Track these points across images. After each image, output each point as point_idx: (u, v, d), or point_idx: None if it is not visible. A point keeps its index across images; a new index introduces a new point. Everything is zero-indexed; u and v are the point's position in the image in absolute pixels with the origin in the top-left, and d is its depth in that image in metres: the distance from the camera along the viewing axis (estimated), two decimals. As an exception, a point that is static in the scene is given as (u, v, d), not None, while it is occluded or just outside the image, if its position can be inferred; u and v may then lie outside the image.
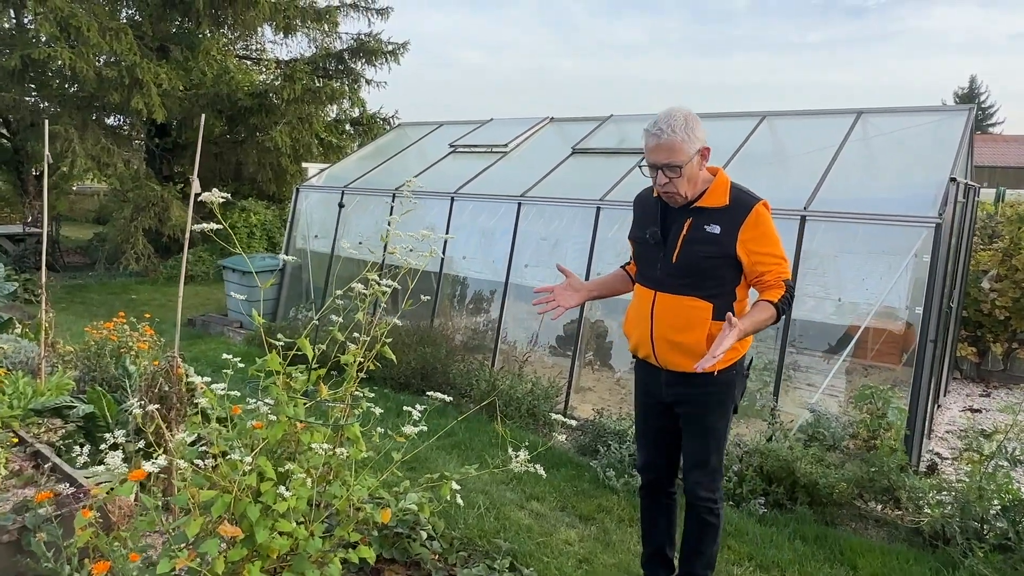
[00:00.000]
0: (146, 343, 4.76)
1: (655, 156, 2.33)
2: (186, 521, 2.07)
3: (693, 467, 2.50)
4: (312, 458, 2.40)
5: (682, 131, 2.25)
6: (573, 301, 2.58)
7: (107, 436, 2.32)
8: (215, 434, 2.37)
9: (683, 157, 2.28)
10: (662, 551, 2.71)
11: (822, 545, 3.29)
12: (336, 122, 13.93)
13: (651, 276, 2.44)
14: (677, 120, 2.26)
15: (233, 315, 8.12)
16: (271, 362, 2.32)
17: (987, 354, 7.24)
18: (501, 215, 6.36)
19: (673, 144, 2.27)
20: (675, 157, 2.28)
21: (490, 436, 4.61)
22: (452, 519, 3.28)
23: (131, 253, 11.13)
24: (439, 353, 5.74)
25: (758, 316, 2.22)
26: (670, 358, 2.40)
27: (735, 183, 2.39)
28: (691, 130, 2.26)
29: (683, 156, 2.28)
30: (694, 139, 2.29)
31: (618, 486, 3.84)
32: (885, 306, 4.49)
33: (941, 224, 4.26)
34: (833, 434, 4.06)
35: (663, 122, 2.28)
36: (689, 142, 2.28)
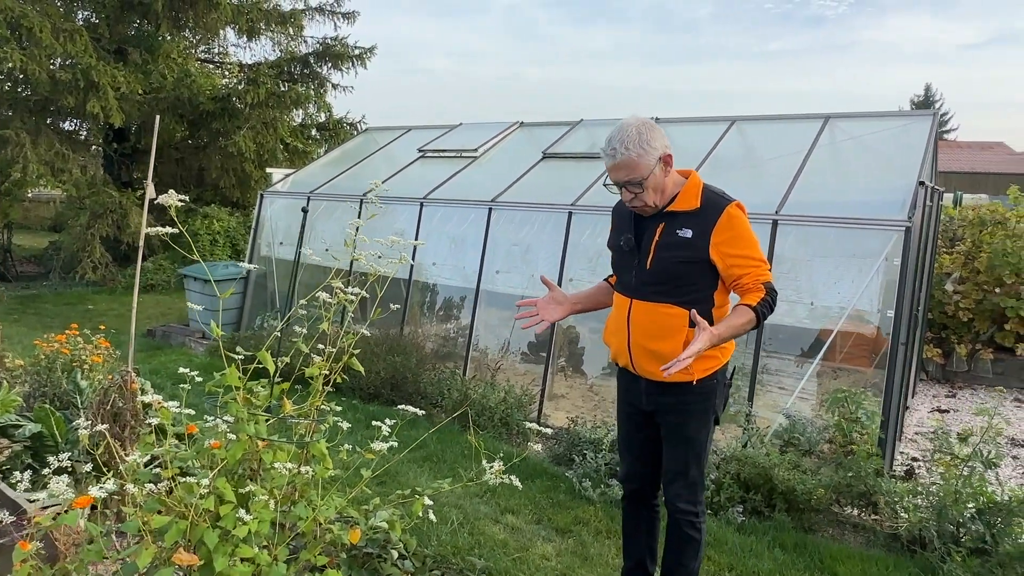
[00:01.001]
0: (100, 356, 4.54)
1: (616, 175, 2.28)
2: (137, 550, 1.92)
3: (673, 479, 2.42)
4: (275, 478, 2.26)
5: (636, 146, 2.19)
6: (557, 315, 2.50)
7: (53, 459, 2.15)
8: (169, 455, 2.22)
9: (643, 171, 2.22)
10: (643, 565, 2.63)
11: (802, 553, 3.24)
12: (302, 127, 13.68)
13: (627, 284, 2.37)
14: (630, 136, 2.20)
15: (195, 325, 7.87)
16: (229, 377, 2.19)
17: (952, 355, 7.35)
18: (471, 221, 6.26)
19: (629, 162, 2.22)
20: (635, 173, 2.23)
21: (463, 447, 4.49)
22: (424, 536, 3.16)
23: (88, 262, 10.75)
24: (409, 362, 5.61)
25: (735, 320, 2.15)
26: (647, 367, 2.32)
27: (708, 185, 2.33)
28: (646, 143, 2.20)
29: (642, 170, 2.22)
30: (651, 150, 2.22)
31: (594, 496, 3.76)
32: (856, 309, 4.50)
33: (911, 227, 4.28)
34: (809, 439, 4.03)
35: (616, 140, 2.22)
36: (646, 155, 2.22)
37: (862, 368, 5.39)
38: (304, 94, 11.98)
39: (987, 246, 7.26)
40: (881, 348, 5.10)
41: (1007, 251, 6.97)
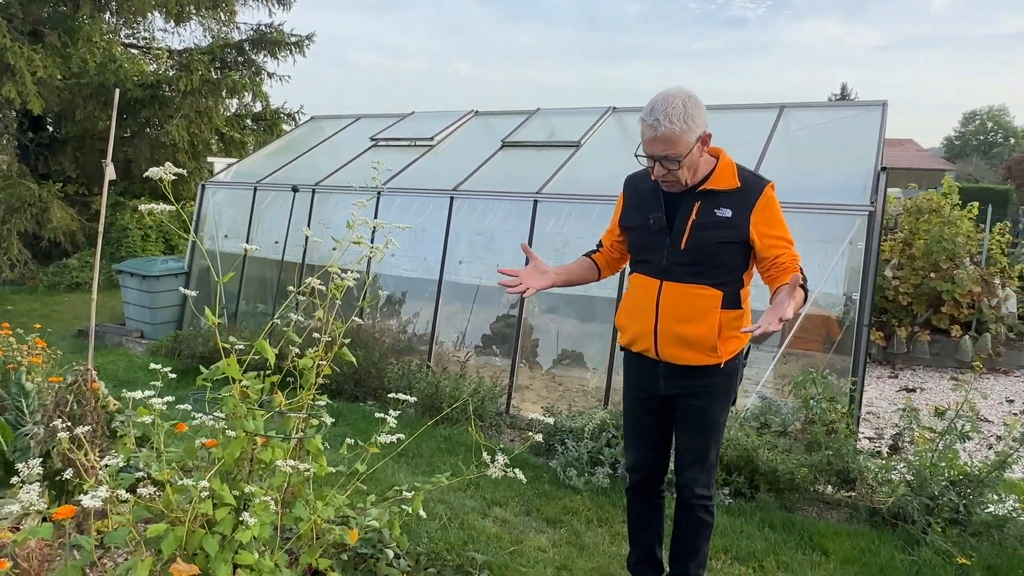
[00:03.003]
0: (39, 357, 4.18)
1: (652, 148, 2.17)
2: (133, 563, 1.73)
3: (691, 464, 2.37)
4: (276, 477, 2.09)
5: (680, 121, 2.10)
6: (542, 282, 2.39)
7: (22, 466, 1.91)
8: (153, 458, 2.02)
9: (682, 148, 2.14)
10: (652, 553, 2.58)
11: (791, 532, 3.28)
12: (237, 117, 13.11)
13: (655, 264, 2.29)
14: (675, 109, 2.11)
15: (132, 324, 7.39)
16: (229, 368, 2.00)
17: (893, 338, 7.68)
18: (431, 211, 6.10)
19: (671, 136, 2.12)
20: (674, 149, 2.14)
21: (438, 441, 4.36)
22: (414, 533, 3.03)
23: (4, 259, 9.98)
24: (372, 356, 5.41)
25: (798, 301, 2.10)
26: (674, 351, 2.26)
27: (740, 165, 2.29)
28: (690, 118, 2.12)
29: (682, 147, 2.14)
30: (694, 127, 2.14)
31: (580, 485, 3.70)
32: (822, 293, 4.61)
33: (874, 212, 4.40)
34: (784, 420, 4.09)
35: (660, 111, 2.11)
36: (689, 131, 2.13)
37: (814, 352, 5.54)
38: (240, 82, 11.46)
39: (923, 233, 7.61)
40: (835, 333, 5.26)
41: (943, 237, 7.33)
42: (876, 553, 3.08)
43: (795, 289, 2.03)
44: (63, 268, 10.41)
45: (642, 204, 2.36)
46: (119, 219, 10.68)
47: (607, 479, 3.74)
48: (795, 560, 3.02)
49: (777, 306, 2.00)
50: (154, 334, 7.11)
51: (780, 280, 2.19)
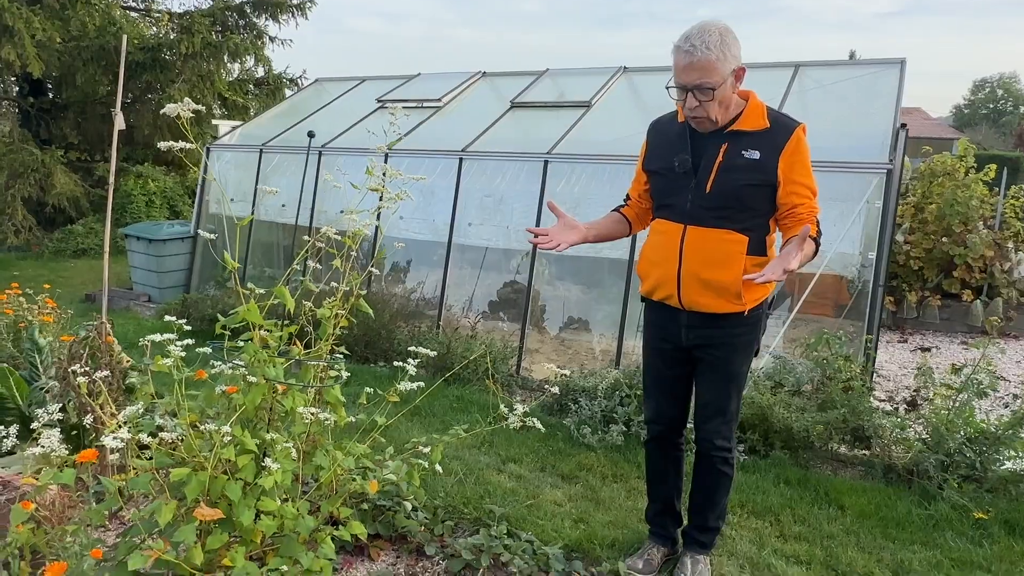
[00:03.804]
0: (50, 315, 4.16)
1: (685, 76, 2.10)
2: (157, 506, 1.72)
3: (712, 415, 2.35)
4: (297, 426, 2.08)
5: (717, 48, 2.03)
6: (573, 237, 2.32)
7: (41, 411, 1.90)
8: (174, 404, 2.00)
9: (716, 78, 2.08)
10: (671, 505, 2.58)
11: (806, 487, 3.28)
12: (239, 82, 12.92)
13: (679, 209, 2.24)
14: (712, 36, 2.04)
15: (139, 288, 7.38)
16: (249, 313, 1.97)
17: (903, 302, 7.64)
18: (440, 172, 6.02)
19: (707, 63, 2.06)
20: (708, 78, 2.07)
21: (450, 401, 4.35)
22: (431, 488, 3.02)
23: (9, 225, 9.94)
24: (382, 318, 5.39)
25: (807, 253, 2.06)
26: (697, 298, 2.22)
27: (770, 107, 2.22)
28: (726, 47, 2.05)
29: (716, 77, 2.07)
30: (729, 58, 2.08)
31: (594, 443, 3.70)
32: (838, 252, 4.55)
33: (892, 170, 4.33)
34: (798, 379, 4.07)
35: (696, 38, 2.05)
36: (724, 61, 2.07)
37: (824, 317, 5.51)
38: (242, 44, 11.27)
39: (937, 197, 7.52)
40: (845, 298, 5.21)
41: (956, 201, 7.23)
42: (892, 508, 3.08)
43: (804, 241, 1.98)
44: (68, 234, 10.37)
45: (667, 147, 2.30)
46: (123, 185, 10.60)
47: (621, 437, 3.73)
48: (811, 514, 3.02)
49: (784, 256, 1.97)
50: (161, 298, 7.10)
51: (793, 231, 2.15)
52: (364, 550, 2.58)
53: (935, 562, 2.65)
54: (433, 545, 2.61)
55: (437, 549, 2.59)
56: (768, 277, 1.94)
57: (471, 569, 2.47)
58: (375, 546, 2.60)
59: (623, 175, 4.84)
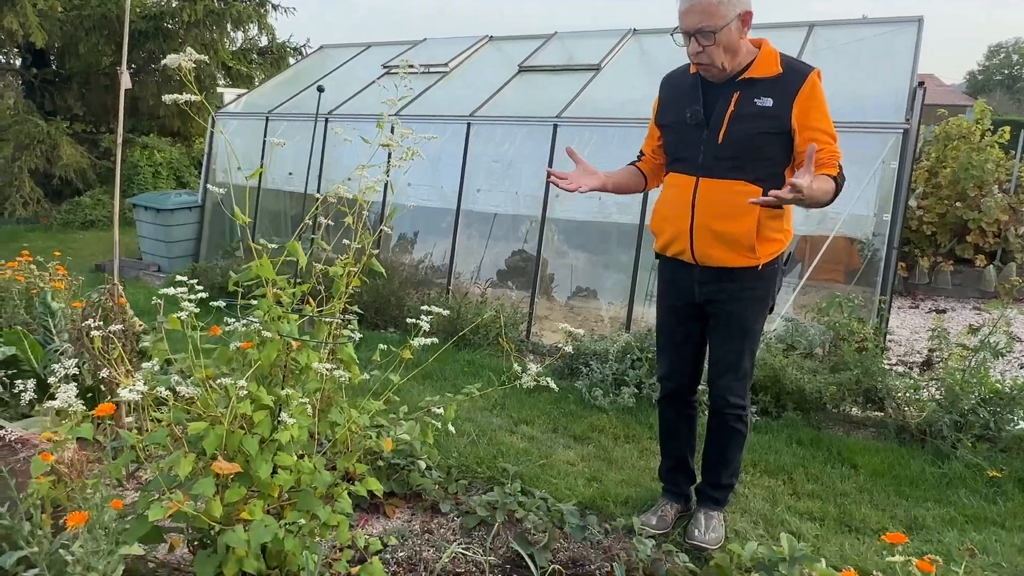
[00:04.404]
0: (62, 282, 4.17)
1: (687, 21, 2.06)
2: (176, 458, 1.72)
3: (724, 371, 2.34)
4: (311, 381, 2.08)
5: None
6: (592, 182, 2.28)
7: (58, 367, 1.90)
8: (189, 360, 2.00)
9: (718, 21, 2.03)
10: (684, 462, 2.58)
11: (819, 447, 3.28)
12: (243, 51, 12.78)
13: (692, 161, 2.20)
14: None
15: (148, 258, 7.39)
16: (262, 268, 1.96)
17: (915, 268, 7.57)
18: (448, 138, 5.95)
19: (707, 6, 2.01)
20: (708, 21, 2.03)
21: (460, 365, 4.36)
22: (444, 448, 3.04)
23: (17, 197, 9.93)
24: (391, 284, 5.39)
25: (824, 185, 2.00)
26: (711, 252, 2.19)
27: (784, 54, 2.17)
28: None
29: (718, 20, 2.03)
30: (732, 1, 2.03)
31: (605, 405, 3.71)
32: (852, 214, 4.49)
33: (909, 130, 4.25)
34: (810, 342, 4.06)
35: None
36: (726, 4, 2.02)
37: (835, 283, 5.46)
38: (245, 11, 11.12)
39: (951, 161, 7.40)
40: (856, 263, 5.16)
41: (971, 164, 7.12)
42: (906, 466, 3.08)
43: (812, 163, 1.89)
44: (76, 206, 10.37)
45: (679, 100, 2.25)
46: (129, 157, 10.57)
47: (633, 399, 3.73)
48: (824, 473, 3.02)
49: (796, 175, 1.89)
50: (171, 268, 7.11)
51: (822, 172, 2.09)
52: (379, 508, 2.60)
53: (949, 518, 2.65)
54: (448, 503, 2.63)
55: (452, 506, 2.61)
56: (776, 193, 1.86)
57: (486, 525, 2.49)
58: (390, 504, 2.63)
59: (634, 138, 4.75)
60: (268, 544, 1.92)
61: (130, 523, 1.79)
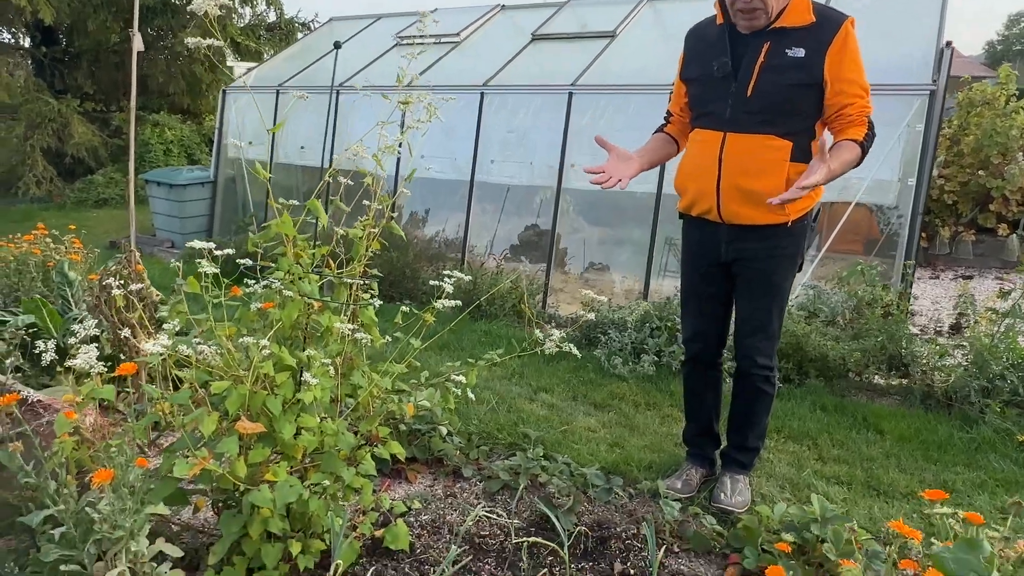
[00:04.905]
0: (78, 255, 4.17)
1: None
2: (200, 415, 1.70)
3: (752, 332, 2.29)
4: (332, 343, 2.05)
5: None
6: (631, 170, 2.20)
7: (77, 326, 1.88)
8: (210, 320, 1.97)
9: None
10: (709, 426, 2.54)
11: (843, 413, 3.23)
12: (251, 28, 12.68)
13: (718, 115, 2.13)
14: None
15: (162, 234, 7.39)
16: (283, 225, 1.92)
17: (935, 238, 7.45)
18: (461, 108, 5.87)
19: None
20: None
21: (478, 336, 4.33)
22: (464, 415, 3.02)
23: (30, 176, 9.95)
24: (406, 257, 5.36)
25: (845, 156, 1.96)
26: (738, 209, 2.13)
27: (816, 1, 2.09)
28: None
29: None
30: None
31: (625, 373, 3.67)
32: (876, 180, 4.39)
33: (936, 91, 4.14)
34: (832, 310, 3.99)
35: None
36: None
37: (854, 254, 5.37)
38: (254, -14, 11.02)
39: (974, 128, 7.24)
40: (876, 234, 5.07)
41: (995, 131, 6.96)
42: (933, 432, 3.03)
43: (824, 155, 1.87)
44: (89, 184, 10.38)
45: (705, 52, 2.18)
46: (140, 135, 10.55)
47: (653, 367, 3.70)
48: (849, 438, 2.98)
49: (807, 172, 1.88)
50: (184, 243, 7.09)
51: (843, 134, 2.04)
52: (401, 473, 2.59)
53: (979, 482, 2.60)
54: (470, 468, 2.61)
55: (474, 471, 2.60)
56: (784, 197, 1.87)
57: (509, 489, 2.47)
58: (412, 469, 2.61)
59: (651, 106, 4.69)
60: (292, 505, 1.91)
61: (155, 484, 1.78)
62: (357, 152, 2.31)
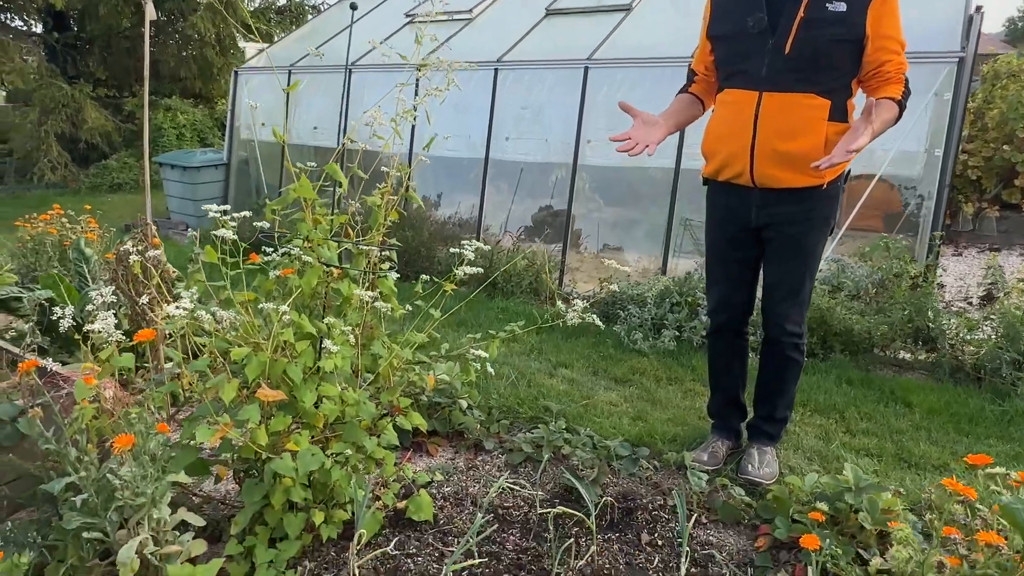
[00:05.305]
0: (94, 234, 4.16)
1: None
2: (220, 381, 1.67)
3: (783, 298, 2.23)
4: (352, 312, 2.01)
5: None
6: (658, 135, 2.11)
7: (94, 293, 1.85)
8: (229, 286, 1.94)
9: None
10: (735, 397, 2.49)
11: (870, 387, 3.17)
12: (261, 11, 12.63)
13: (752, 74, 2.05)
14: None
15: (177, 217, 7.39)
16: (301, 188, 1.88)
17: (958, 215, 7.30)
18: (474, 85, 5.80)
19: None
20: None
21: (495, 313, 4.29)
22: (484, 390, 2.99)
23: (45, 162, 9.99)
24: (421, 235, 5.31)
25: (885, 115, 1.89)
26: (773, 172, 2.06)
27: None
28: None
29: None
30: None
31: (645, 348, 3.62)
32: (901, 151, 4.28)
33: (965, 58, 4.01)
34: (857, 283, 3.91)
35: None
36: None
37: (876, 231, 5.25)
38: (263, -31, 10.94)
39: (999, 101, 7.07)
40: (897, 209, 4.95)
41: (1021, 103, 6.79)
42: (963, 404, 2.96)
43: (869, 115, 1.80)
44: (103, 169, 10.41)
45: (735, 8, 2.09)
46: (153, 119, 10.54)
47: (673, 342, 3.64)
48: (877, 411, 2.91)
49: (850, 134, 1.81)
50: (199, 226, 7.10)
51: (880, 92, 1.96)
52: (422, 446, 2.56)
53: (1014, 454, 2.54)
54: (491, 441, 2.58)
55: (495, 444, 2.56)
56: (832, 161, 1.80)
57: (532, 462, 2.44)
58: (432, 443, 2.58)
59: (668, 80, 4.58)
60: (315, 475, 1.88)
61: (176, 453, 1.75)
62: (374, 118, 2.26)
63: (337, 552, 1.93)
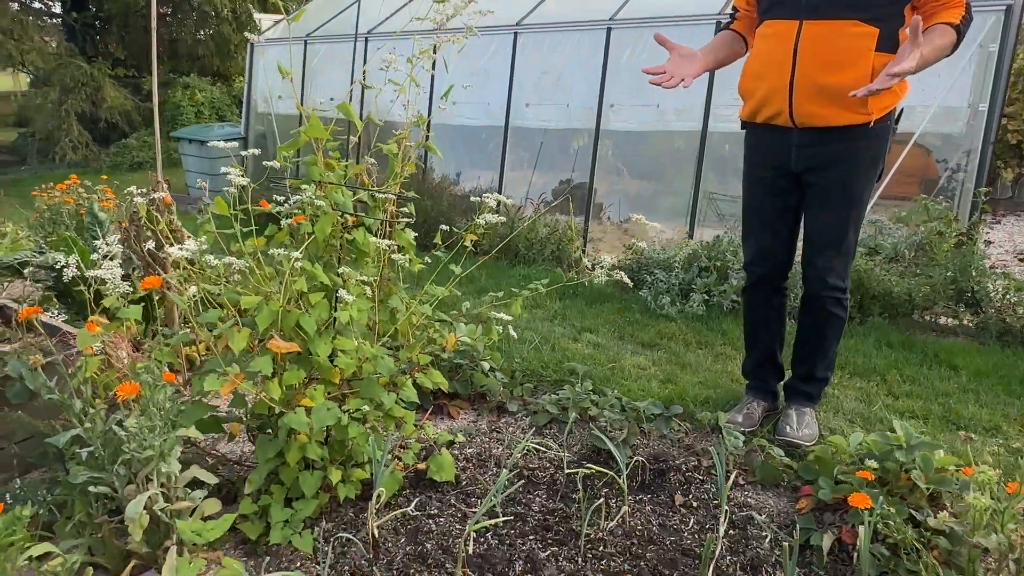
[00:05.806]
0: (110, 202, 4.11)
1: None
2: (229, 330, 1.58)
3: (825, 248, 2.08)
4: (368, 268, 1.91)
5: None
6: (695, 68, 1.99)
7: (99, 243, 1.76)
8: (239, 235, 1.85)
9: None
10: (772, 356, 2.36)
11: (911, 350, 3.01)
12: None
13: (793, 2, 1.89)
14: None
15: (195, 192, 7.35)
16: (312, 128, 1.78)
17: (997, 181, 7.02)
18: (493, 51, 5.65)
19: None
20: None
21: (516, 279, 4.18)
22: (506, 353, 2.89)
23: (66, 141, 10.02)
24: (440, 205, 5.21)
25: (939, 41, 1.72)
26: (814, 109, 1.91)
27: None
28: None
29: None
30: None
31: (673, 313, 3.49)
32: (943, 106, 4.08)
33: (1013, 6, 3.78)
34: (895, 246, 3.74)
35: None
36: None
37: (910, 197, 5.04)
38: (278, -58, 10.78)
39: (1042, 60, 6.74)
40: (934, 174, 4.73)
41: (1066, 63, 6.47)
42: (1014, 367, 2.80)
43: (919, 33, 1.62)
44: (123, 148, 10.43)
45: None
46: (171, 97, 10.52)
47: (702, 307, 3.51)
48: (921, 374, 2.77)
49: (897, 58, 1.64)
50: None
51: (937, 17, 1.80)
52: (443, 409, 2.47)
53: (1071, 416, 2.39)
54: (515, 403, 2.48)
55: (519, 407, 2.46)
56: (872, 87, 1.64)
57: (557, 423, 2.34)
58: (454, 405, 2.49)
59: (695, 38, 4.41)
60: (331, 433, 1.80)
61: (186, 408, 1.67)
62: (390, 63, 2.15)
63: (356, 513, 1.85)
